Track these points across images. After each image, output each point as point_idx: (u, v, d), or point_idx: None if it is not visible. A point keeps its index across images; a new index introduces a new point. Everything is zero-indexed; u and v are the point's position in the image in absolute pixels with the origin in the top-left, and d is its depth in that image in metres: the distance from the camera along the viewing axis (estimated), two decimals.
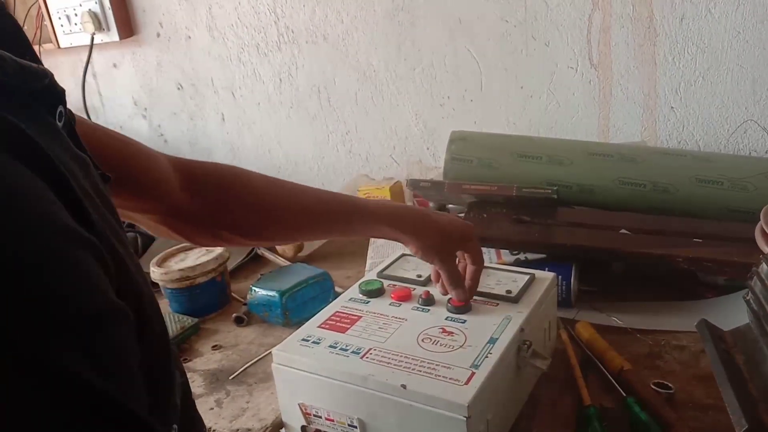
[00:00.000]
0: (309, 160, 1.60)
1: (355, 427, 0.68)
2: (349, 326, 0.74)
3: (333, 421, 0.69)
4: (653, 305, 0.95)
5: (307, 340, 0.72)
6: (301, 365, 0.69)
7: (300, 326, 0.76)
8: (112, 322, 0.33)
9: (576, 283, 0.94)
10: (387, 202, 0.74)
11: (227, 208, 0.66)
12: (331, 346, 0.70)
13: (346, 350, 0.69)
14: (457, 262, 0.77)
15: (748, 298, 0.65)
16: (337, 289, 1.03)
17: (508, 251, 0.97)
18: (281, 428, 0.76)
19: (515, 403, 0.73)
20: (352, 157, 1.55)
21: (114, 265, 0.35)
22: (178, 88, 1.65)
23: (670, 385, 0.74)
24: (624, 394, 0.73)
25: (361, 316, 0.76)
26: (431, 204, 1.21)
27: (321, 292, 1.00)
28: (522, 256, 0.96)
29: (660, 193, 1.02)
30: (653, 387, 0.74)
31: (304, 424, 0.72)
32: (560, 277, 0.94)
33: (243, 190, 0.68)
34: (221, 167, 0.69)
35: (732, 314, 0.87)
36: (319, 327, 0.75)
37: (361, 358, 0.68)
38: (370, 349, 0.69)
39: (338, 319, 0.76)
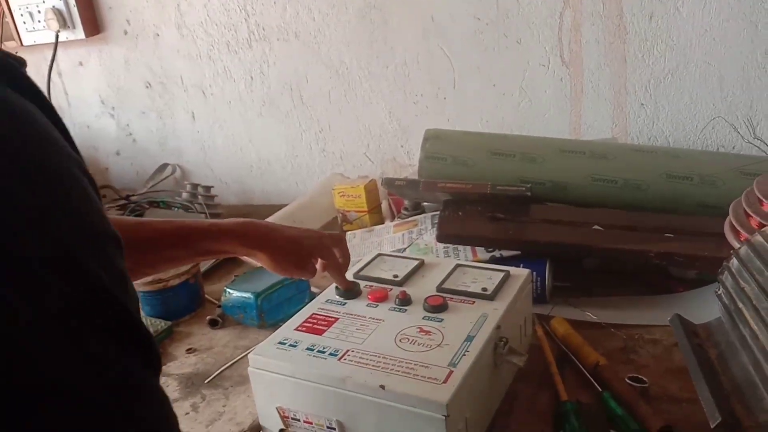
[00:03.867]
0: (282, 158, 1.58)
1: (334, 429, 0.67)
2: (326, 328, 0.74)
3: (311, 423, 0.69)
4: (626, 300, 0.96)
5: (284, 344, 0.71)
6: (279, 369, 0.69)
7: (276, 328, 0.75)
8: (114, 246, 0.36)
9: (550, 279, 0.95)
10: (235, 220, 0.74)
11: None
12: (308, 349, 0.70)
13: (324, 352, 0.69)
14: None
15: (719, 292, 0.66)
16: (313, 289, 1.02)
17: (483, 248, 0.97)
18: (260, 431, 0.75)
19: (493, 400, 0.74)
20: (325, 155, 1.54)
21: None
22: (147, 87, 1.62)
23: (644, 379, 0.75)
24: (600, 389, 0.74)
25: (338, 318, 0.76)
26: (406, 202, 1.21)
27: (297, 293, 0.99)
28: (497, 254, 0.97)
29: (632, 190, 1.03)
30: (628, 381, 0.74)
31: (282, 427, 0.71)
32: (535, 273, 0.94)
33: None
34: None
35: (703, 308, 0.89)
36: (295, 330, 0.74)
37: (339, 359, 0.67)
38: (348, 350, 0.68)
39: (315, 321, 0.75)
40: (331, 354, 0.68)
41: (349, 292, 0.80)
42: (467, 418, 0.64)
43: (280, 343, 0.72)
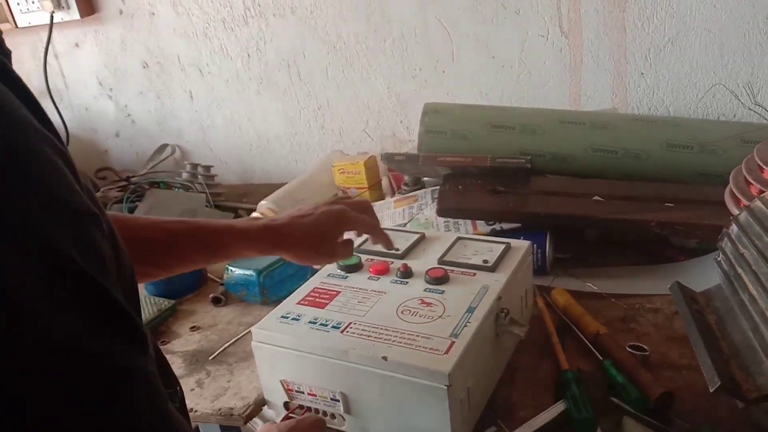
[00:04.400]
0: (281, 136, 1.58)
1: (338, 400, 0.68)
2: (328, 301, 0.74)
3: (315, 395, 0.70)
4: (627, 270, 0.96)
5: (287, 317, 0.72)
6: (282, 342, 0.69)
7: (279, 304, 0.75)
8: (90, 222, 0.35)
9: (551, 250, 0.95)
10: (254, 224, 0.71)
11: None
12: (311, 322, 0.70)
13: (326, 325, 0.69)
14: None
15: (719, 259, 0.66)
16: (315, 265, 1.03)
17: (483, 222, 0.97)
18: (264, 405, 0.77)
19: (495, 371, 0.74)
20: (324, 132, 1.53)
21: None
22: (144, 67, 1.61)
23: (645, 347, 0.76)
24: (601, 358, 0.75)
25: (340, 291, 0.76)
26: (406, 178, 1.21)
27: (299, 270, 1.00)
28: (497, 226, 0.97)
29: (632, 159, 1.03)
30: (629, 350, 0.75)
31: (287, 400, 0.72)
32: (535, 245, 0.94)
33: None
34: None
35: (704, 276, 0.89)
36: (298, 303, 0.74)
37: (342, 332, 0.68)
38: (350, 323, 0.69)
39: (317, 295, 0.76)
40: (333, 327, 0.69)
41: (352, 266, 0.80)
42: (469, 388, 0.65)
43: (283, 316, 0.72)
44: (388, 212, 1.11)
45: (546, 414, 0.67)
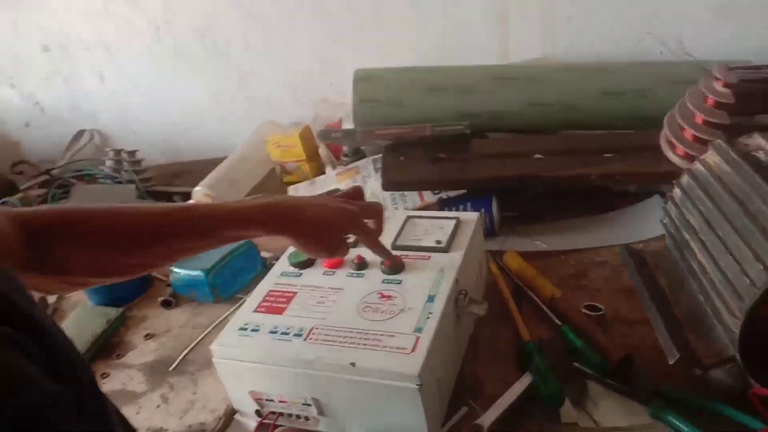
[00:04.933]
0: (206, 111, 1.50)
1: (310, 405, 0.67)
2: (285, 306, 0.72)
3: (287, 402, 0.69)
4: (572, 222, 0.98)
5: (245, 329, 0.70)
6: (244, 357, 0.68)
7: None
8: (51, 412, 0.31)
9: (498, 212, 0.96)
10: (258, 202, 0.67)
11: (76, 255, 0.60)
12: (271, 332, 0.69)
13: (288, 333, 0.68)
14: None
15: (665, 222, 0.68)
16: (263, 254, 1.00)
17: (430, 192, 0.97)
18: (235, 414, 0.75)
19: (459, 351, 0.75)
20: (251, 102, 1.47)
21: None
22: (45, 51, 1.48)
23: (600, 306, 0.78)
24: (558, 323, 0.77)
25: (296, 292, 0.74)
26: (345, 149, 1.18)
27: (247, 262, 0.97)
28: (444, 195, 0.96)
29: (567, 111, 1.03)
30: (584, 311, 0.77)
31: (258, 408, 0.71)
32: (483, 209, 0.95)
33: (83, 234, 0.60)
34: (60, 213, 0.61)
35: (645, 222, 0.92)
36: (255, 312, 0.72)
37: (305, 339, 0.67)
38: (312, 328, 0.68)
39: (273, 299, 0.74)
40: (296, 334, 0.68)
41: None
42: (438, 379, 0.65)
43: (241, 329, 0.70)
44: (332, 188, 1.09)
45: (513, 390, 0.68)
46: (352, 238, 0.78)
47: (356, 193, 0.74)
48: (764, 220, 0.53)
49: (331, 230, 0.68)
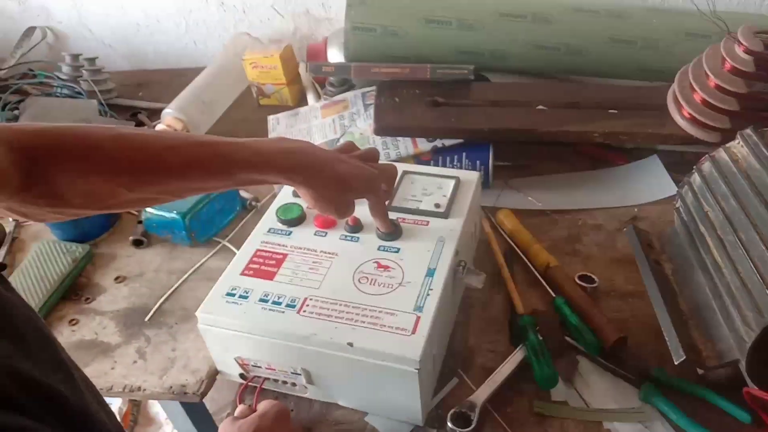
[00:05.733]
0: (173, 14, 1.36)
1: (299, 374, 0.65)
2: (275, 269, 0.68)
3: (274, 370, 0.67)
4: (567, 177, 0.95)
5: (233, 294, 0.66)
6: (232, 326, 0.64)
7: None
8: None
9: (493, 162, 0.92)
10: (281, 146, 0.61)
11: (75, 184, 0.54)
12: (261, 300, 0.65)
13: (280, 303, 0.64)
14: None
15: (678, 206, 0.65)
16: (243, 194, 0.94)
17: (424, 139, 0.91)
18: (217, 375, 0.73)
19: (451, 318, 0.74)
20: (225, 9, 1.34)
21: None
22: None
23: (594, 278, 0.77)
24: (552, 294, 0.76)
25: (286, 254, 0.70)
26: (332, 79, 1.09)
27: (226, 203, 0.91)
28: (439, 143, 0.91)
29: (573, 56, 0.97)
30: (578, 282, 0.76)
31: (243, 372, 0.69)
32: (479, 161, 0.91)
33: (88, 160, 0.54)
34: (61, 136, 0.53)
35: (645, 180, 0.90)
36: (242, 275, 0.68)
37: (298, 312, 0.63)
38: (306, 299, 0.64)
39: (261, 260, 0.70)
40: (288, 305, 0.64)
41: (295, 218, 0.73)
42: (434, 355, 0.64)
43: (229, 294, 0.66)
44: (317, 122, 1.01)
45: (506, 367, 0.68)
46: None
47: (373, 157, 0.68)
48: None
49: (349, 190, 0.64)
